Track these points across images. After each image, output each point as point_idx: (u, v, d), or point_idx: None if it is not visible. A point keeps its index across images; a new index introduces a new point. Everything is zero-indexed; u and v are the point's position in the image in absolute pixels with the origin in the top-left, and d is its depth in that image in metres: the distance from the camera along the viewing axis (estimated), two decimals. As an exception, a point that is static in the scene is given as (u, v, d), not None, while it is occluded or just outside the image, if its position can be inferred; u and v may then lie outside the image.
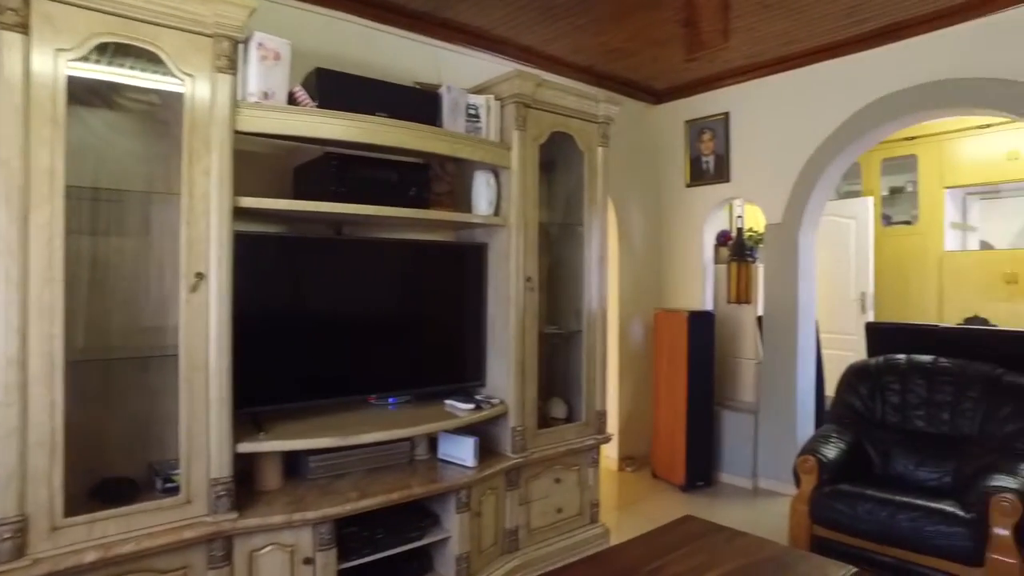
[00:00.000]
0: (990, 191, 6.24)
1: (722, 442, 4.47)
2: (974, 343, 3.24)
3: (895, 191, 6.34)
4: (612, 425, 4.69)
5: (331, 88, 2.46)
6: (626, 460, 4.69)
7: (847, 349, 5.63)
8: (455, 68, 3.57)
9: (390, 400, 2.97)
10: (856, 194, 6.33)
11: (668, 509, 3.94)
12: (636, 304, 4.74)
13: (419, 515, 2.75)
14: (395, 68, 3.32)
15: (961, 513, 2.64)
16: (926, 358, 3.30)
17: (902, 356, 3.37)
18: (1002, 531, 2.55)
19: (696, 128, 4.70)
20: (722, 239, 4.84)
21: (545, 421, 3.24)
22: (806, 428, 4.16)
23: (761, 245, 4.39)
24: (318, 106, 2.40)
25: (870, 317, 5.56)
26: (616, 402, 4.66)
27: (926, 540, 2.65)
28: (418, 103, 2.78)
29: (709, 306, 4.65)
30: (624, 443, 4.70)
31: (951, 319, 5.71)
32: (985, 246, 6.43)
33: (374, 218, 2.69)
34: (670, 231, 4.85)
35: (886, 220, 6.29)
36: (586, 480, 3.31)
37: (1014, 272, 5.42)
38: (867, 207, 5.62)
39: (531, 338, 2.99)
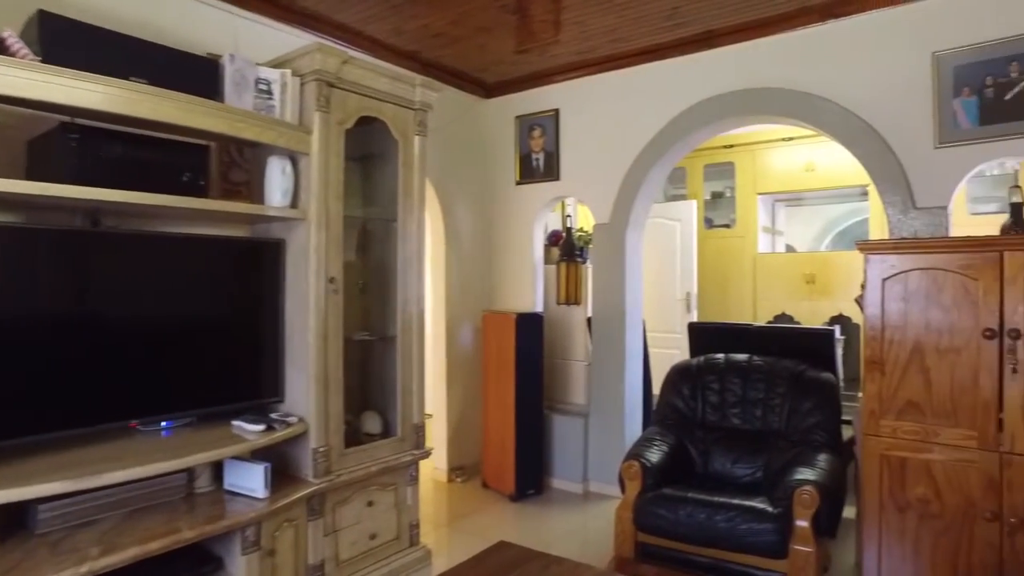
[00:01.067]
0: (793, 198, 6.76)
1: (553, 447, 4.37)
2: (784, 341, 3.35)
3: (716, 196, 6.67)
4: (440, 434, 4.45)
5: (62, 39, 1.97)
6: (456, 470, 4.46)
7: (673, 347, 5.81)
8: (259, 42, 3.12)
9: (164, 424, 2.49)
10: (682, 197, 6.58)
11: (496, 523, 3.75)
12: (465, 306, 4.53)
13: (197, 561, 2.32)
14: (183, 35, 2.83)
15: (770, 509, 2.66)
16: (742, 357, 3.36)
17: (721, 356, 3.42)
18: (802, 523, 2.60)
19: (526, 124, 4.57)
20: (553, 239, 4.76)
21: (357, 438, 2.90)
22: (634, 429, 4.16)
23: (590, 245, 4.34)
24: (43, 61, 1.90)
25: (694, 316, 5.77)
26: (444, 409, 4.41)
27: (740, 538, 2.65)
28: (192, 71, 2.35)
29: (539, 308, 4.54)
30: (454, 452, 4.46)
31: (764, 317, 6.09)
32: (789, 249, 6.97)
33: (136, 207, 2.22)
34: (500, 230, 4.69)
35: (708, 223, 6.60)
36: (404, 500, 3.02)
37: (812, 273, 5.87)
38: (691, 210, 5.84)
39: (335, 346, 2.64)
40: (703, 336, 3.65)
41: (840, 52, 3.42)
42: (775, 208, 6.83)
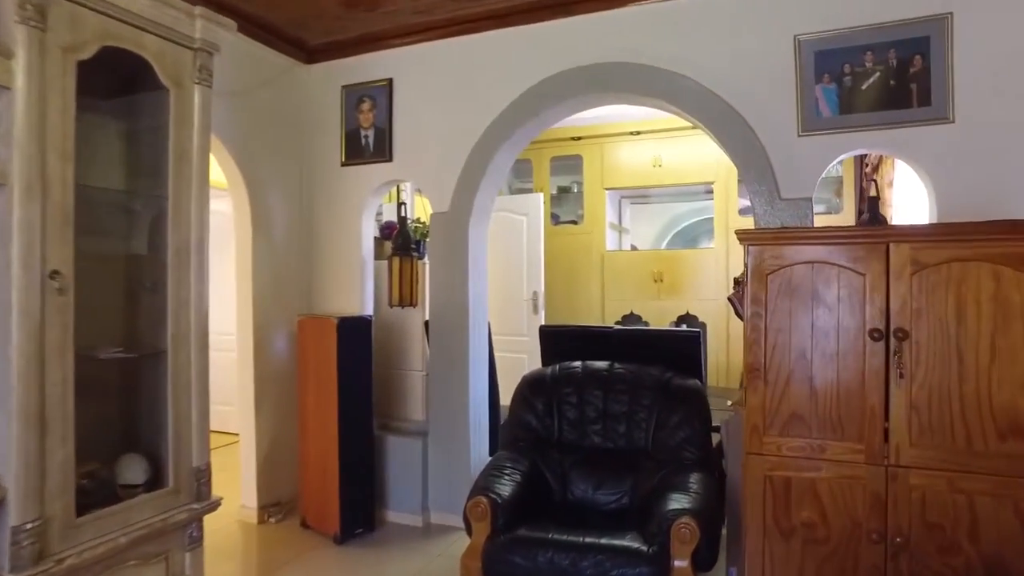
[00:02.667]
0: (640, 195, 6.64)
1: (387, 474, 3.74)
2: (646, 345, 2.99)
3: (563, 190, 6.38)
4: (249, 464, 3.65)
5: None
6: (269, 508, 3.68)
7: (521, 351, 5.40)
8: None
9: None
10: (527, 191, 6.22)
11: (317, 574, 3.05)
12: (279, 309, 3.76)
13: None
14: None
15: (644, 548, 2.25)
16: (602, 365, 2.95)
17: (578, 364, 2.99)
18: (681, 563, 2.23)
19: (354, 95, 3.89)
20: (387, 231, 4.12)
21: (108, 495, 2.09)
22: (481, 448, 3.64)
23: (428, 238, 3.76)
24: None
25: (542, 318, 5.39)
26: (254, 436, 3.62)
27: (610, 585, 2.21)
28: None
29: (369, 310, 3.89)
30: (266, 486, 3.67)
31: (612, 317, 5.86)
32: (633, 249, 6.87)
33: None
34: (322, 219, 3.96)
35: (555, 219, 6.28)
36: (180, 572, 2.25)
37: (660, 271, 5.73)
38: (538, 203, 5.45)
39: (58, 368, 1.83)
40: (556, 341, 3.21)
41: (704, 29, 3.13)
42: (622, 205, 6.68)
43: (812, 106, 2.96)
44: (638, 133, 5.84)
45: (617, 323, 5.83)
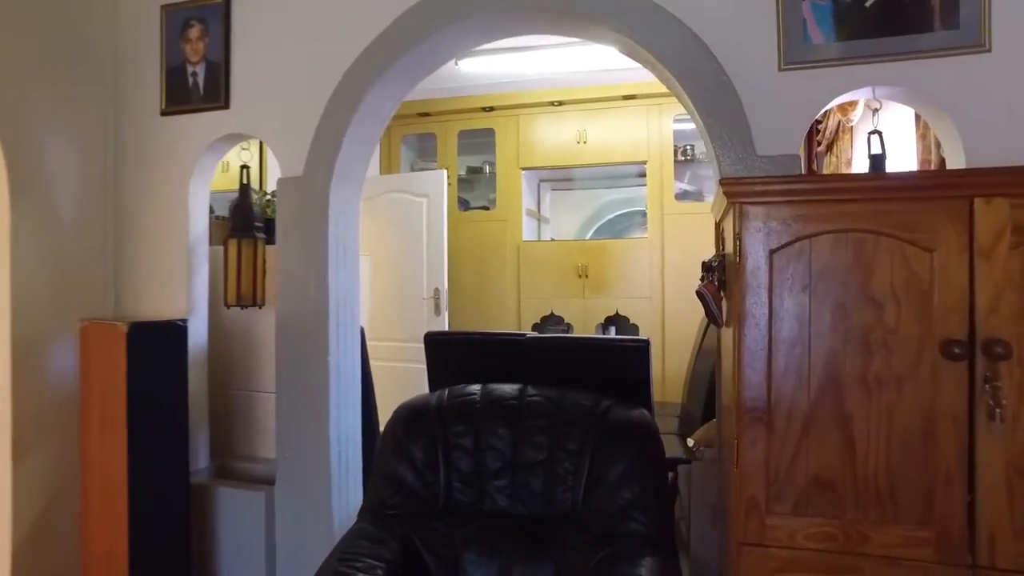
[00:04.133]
0: (562, 178, 5.81)
1: (215, 544, 2.70)
2: (575, 360, 2.10)
3: (473, 172, 5.46)
4: (3, 544, 2.52)
5: None
6: (42, 600, 2.56)
7: (419, 361, 4.41)
8: None
9: None
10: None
11: None
12: (63, 314, 2.64)
13: None
14: None
15: None
16: (510, 389, 2.03)
17: (476, 388, 2.06)
18: None
19: (178, 18, 2.82)
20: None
21: None
22: (350, 499, 2.65)
23: (277, 214, 2.73)
24: None
25: (445, 320, 4.45)
26: (9, 499, 2.49)
27: None
28: None
29: (203, 311, 2.83)
30: (31, 573, 2.55)
31: (529, 319, 4.99)
32: (554, 240, 6.02)
33: None
34: (135, 188, 2.87)
35: (463, 205, 5.36)
36: None
37: (584, 264, 4.91)
38: (441, 182, 4.50)
39: None
40: (449, 354, 2.28)
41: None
42: (541, 190, 5.82)
43: (799, 30, 2.15)
44: (560, 103, 5.00)
45: (535, 326, 4.97)
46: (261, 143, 3.54)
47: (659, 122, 4.84)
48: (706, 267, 1.70)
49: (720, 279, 1.64)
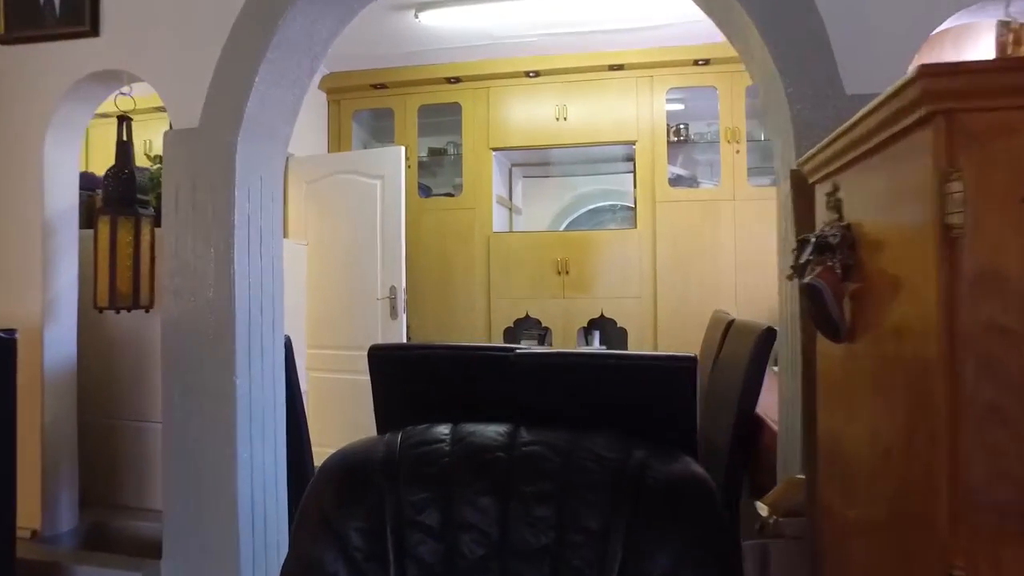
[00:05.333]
0: (538, 162, 5.15)
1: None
2: (584, 385, 1.42)
3: (436, 153, 4.76)
4: None
5: None
6: None
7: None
8: None
9: None
10: (387, 151, 4.54)
11: None
12: None
13: None
14: None
15: None
16: (495, 432, 1.35)
17: (444, 431, 1.37)
18: None
19: (33, -83, 2.08)
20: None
21: None
22: None
23: (164, 183, 2.00)
24: None
25: (403, 325, 3.75)
26: None
27: None
28: None
29: (69, 314, 2.08)
30: None
31: (500, 323, 4.32)
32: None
33: None
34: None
35: (424, 191, 4.66)
36: None
37: (564, 259, 4.26)
38: (398, 159, 3.79)
39: None
40: (404, 377, 1.58)
41: None
42: (512, 178, 5.15)
43: (897, -82, 1.53)
44: (536, 74, 4.34)
45: (508, 332, 4.30)
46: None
47: (650, 96, 4.23)
48: (818, 246, 1.04)
49: (845, 263, 0.98)
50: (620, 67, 4.22)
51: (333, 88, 4.51)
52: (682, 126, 4.39)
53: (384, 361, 1.60)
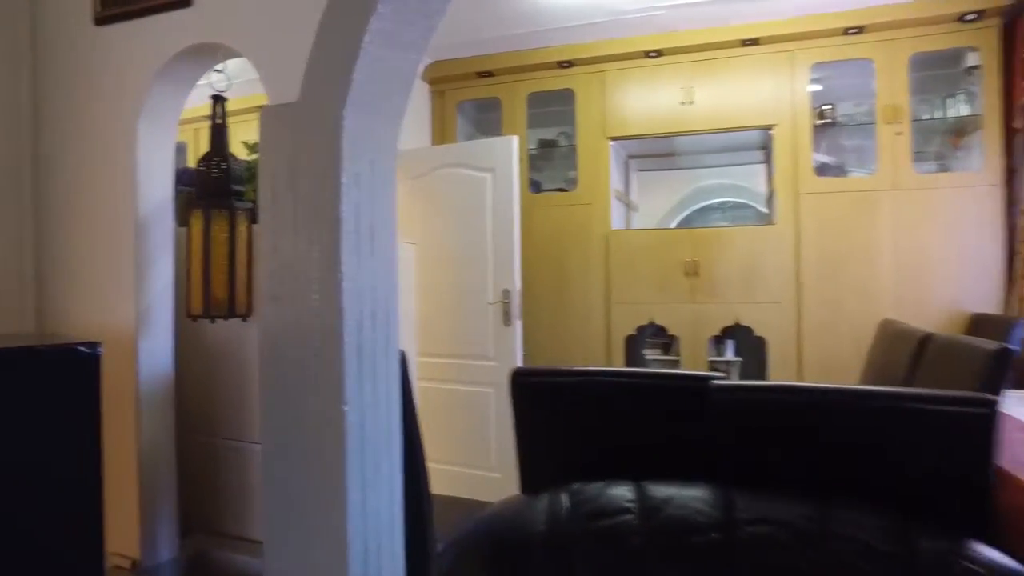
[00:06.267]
0: (661, 153, 4.67)
1: None
2: (814, 430, 1.00)
3: (546, 146, 4.40)
4: None
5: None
6: None
7: (483, 383, 3.41)
8: None
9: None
10: (494, 144, 4.21)
11: None
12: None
13: None
14: None
15: None
16: (698, 499, 0.95)
17: (625, 492, 0.99)
18: None
19: None
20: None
21: None
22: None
23: (261, 170, 1.73)
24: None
25: (518, 332, 3.40)
26: None
27: None
28: None
29: (165, 322, 1.85)
30: None
31: (622, 330, 3.90)
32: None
33: None
34: (59, 138, 1.92)
35: (534, 187, 4.31)
36: None
37: (695, 260, 3.79)
38: (510, 151, 3.45)
39: None
40: (563, 414, 1.21)
41: None
42: (629, 170, 4.72)
43: None
44: (659, 53, 3.89)
45: (629, 340, 3.87)
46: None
47: (791, 74, 3.69)
48: None
49: None
50: (755, 41, 3.71)
51: (436, 78, 4.24)
52: (827, 106, 3.81)
53: (532, 389, 1.23)
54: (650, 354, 3.96)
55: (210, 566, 2.02)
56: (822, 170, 3.80)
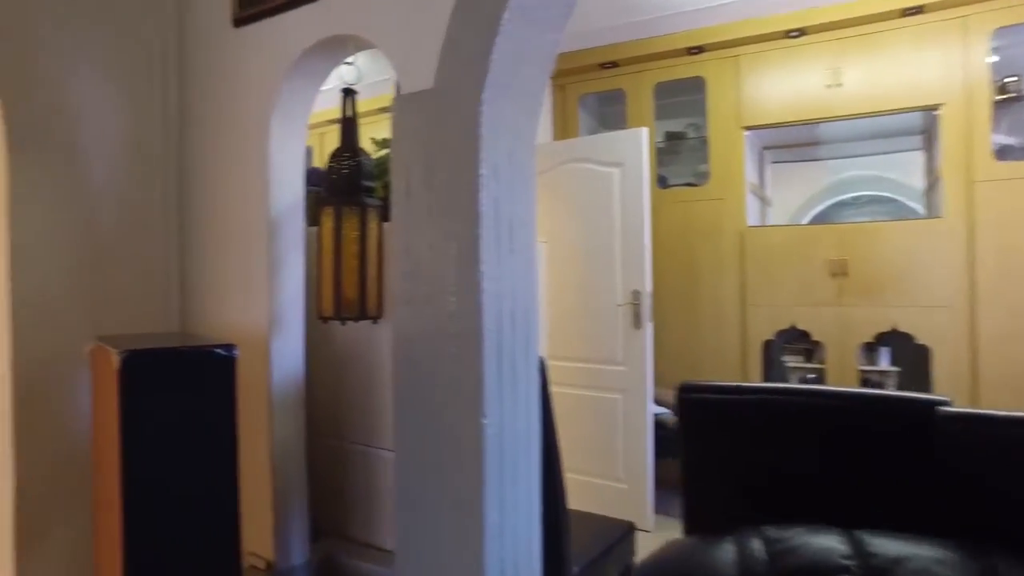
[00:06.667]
0: (803, 142, 4.30)
1: None
2: None
3: (673, 138, 4.16)
4: None
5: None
6: None
7: (611, 388, 3.23)
8: None
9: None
10: (618, 138, 4.01)
11: None
12: (93, 324, 1.76)
13: None
14: None
15: None
16: (938, 560, 0.74)
17: (836, 544, 0.79)
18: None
19: None
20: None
21: None
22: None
23: (393, 161, 1.64)
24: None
25: (649, 336, 3.19)
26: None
27: None
28: None
29: (295, 323, 1.83)
30: None
31: (759, 333, 3.60)
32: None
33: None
34: (199, 139, 1.94)
35: (661, 182, 4.08)
36: None
37: (842, 259, 3.42)
38: (639, 144, 3.25)
39: None
40: (737, 434, 1.03)
41: None
42: (764, 161, 4.38)
43: None
44: (801, 32, 3.55)
45: (768, 345, 3.56)
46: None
47: (963, 44, 3.23)
48: None
49: None
50: (918, 9, 3.29)
51: (558, 71, 4.10)
52: (1011, 79, 3.32)
53: (703, 407, 1.05)
54: (791, 361, 3.62)
55: (340, 572, 1.98)
56: (1003, 153, 3.31)
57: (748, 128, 3.71)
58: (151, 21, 1.90)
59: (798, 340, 3.60)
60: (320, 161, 3.33)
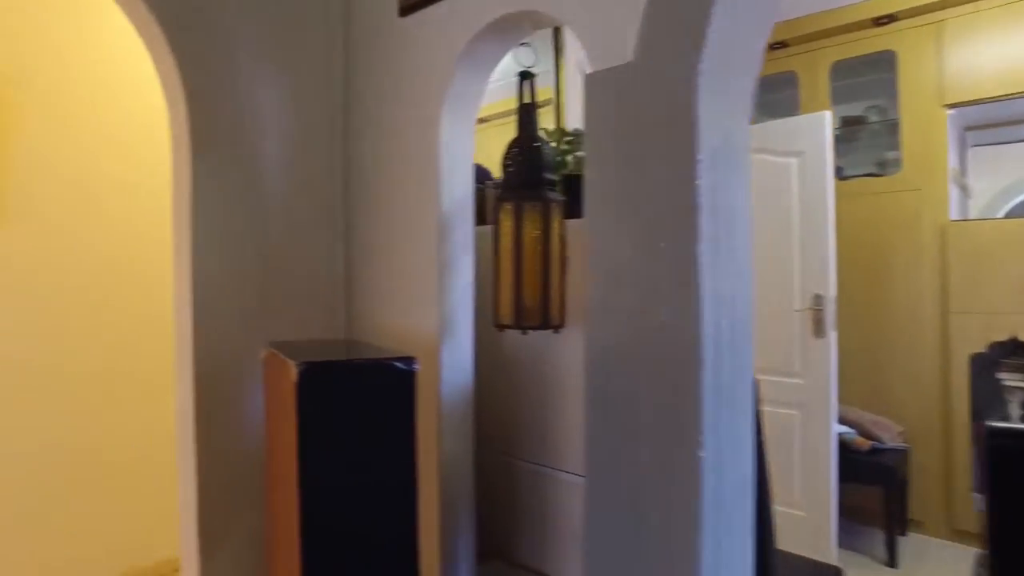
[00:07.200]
0: (1015, 119, 3.68)
1: None
2: None
3: (852, 124, 3.70)
4: None
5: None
6: None
7: (787, 404, 2.89)
8: None
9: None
10: (789, 125, 3.62)
11: None
12: (268, 327, 1.73)
13: None
14: None
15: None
16: None
17: None
18: None
19: None
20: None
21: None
22: None
23: (587, 152, 1.46)
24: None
25: (833, 344, 2.81)
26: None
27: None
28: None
29: (464, 332, 1.70)
30: None
31: (966, 344, 3.09)
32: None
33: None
34: (367, 137, 1.86)
35: (838, 173, 3.63)
36: None
37: (1076, 258, 2.85)
38: (821, 129, 2.88)
39: None
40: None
41: None
42: (965, 143, 3.79)
43: None
44: (1022, -9, 3.01)
45: (976, 359, 3.04)
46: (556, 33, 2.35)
47: None
48: None
49: None
50: None
51: (720, 56, 3.76)
52: None
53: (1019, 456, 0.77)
54: (1009, 379, 3.07)
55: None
56: None
57: (951, 106, 3.20)
58: (319, 13, 1.85)
59: (1017, 353, 3.05)
60: (482, 160, 3.24)
